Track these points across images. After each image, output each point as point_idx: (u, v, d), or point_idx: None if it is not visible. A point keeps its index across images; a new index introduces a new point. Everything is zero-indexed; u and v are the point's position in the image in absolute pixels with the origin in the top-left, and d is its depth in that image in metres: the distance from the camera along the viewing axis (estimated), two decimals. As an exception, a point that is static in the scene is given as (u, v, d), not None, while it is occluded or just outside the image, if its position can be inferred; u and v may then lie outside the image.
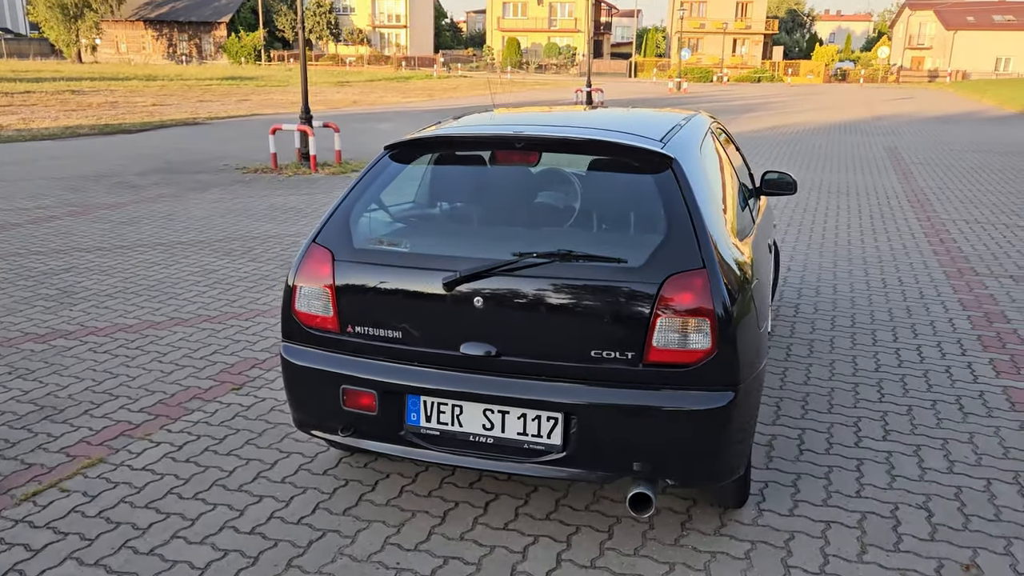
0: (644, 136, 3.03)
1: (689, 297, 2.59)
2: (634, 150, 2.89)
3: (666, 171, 2.84)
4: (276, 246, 7.59)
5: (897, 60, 73.38)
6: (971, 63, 69.68)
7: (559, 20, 72.32)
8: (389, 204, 3.18)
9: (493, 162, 3.07)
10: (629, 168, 2.97)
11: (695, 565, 2.83)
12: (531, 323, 2.70)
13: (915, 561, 2.85)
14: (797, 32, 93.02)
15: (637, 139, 2.97)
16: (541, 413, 2.72)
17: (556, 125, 3.24)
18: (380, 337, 2.87)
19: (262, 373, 4.52)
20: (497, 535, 3.01)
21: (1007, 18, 73.28)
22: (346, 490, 3.31)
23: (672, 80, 42.34)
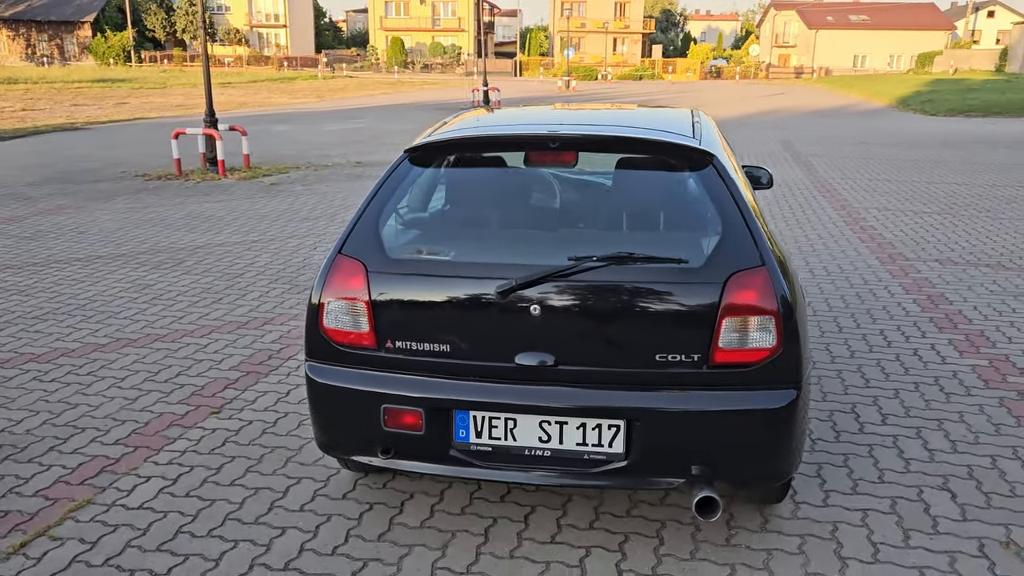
0: (675, 132, 2.98)
1: (753, 295, 2.56)
2: (675, 147, 2.84)
3: (707, 167, 2.80)
4: (208, 257, 7.17)
5: (766, 58, 76.99)
6: (832, 60, 73.86)
7: (443, 19, 72.04)
8: (417, 210, 3.01)
9: (527, 163, 2.95)
10: (666, 165, 2.92)
11: (755, 564, 2.81)
12: (591, 329, 2.61)
13: (958, 543, 2.92)
14: (671, 31, 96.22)
15: (671, 135, 2.92)
16: (602, 422, 2.63)
17: (582, 123, 3.15)
18: (425, 352, 2.70)
19: (239, 394, 4.23)
20: (547, 550, 2.90)
21: (862, 18, 78.14)
22: (373, 514, 3.12)
23: (561, 78, 42.90)
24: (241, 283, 6.32)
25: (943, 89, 33.23)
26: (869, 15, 77.76)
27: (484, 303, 2.63)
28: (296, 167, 13.09)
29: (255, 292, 6.07)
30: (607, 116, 3.45)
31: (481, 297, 2.63)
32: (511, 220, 3.00)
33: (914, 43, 73.93)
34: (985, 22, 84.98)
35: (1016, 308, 5.63)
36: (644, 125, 3.12)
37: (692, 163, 2.83)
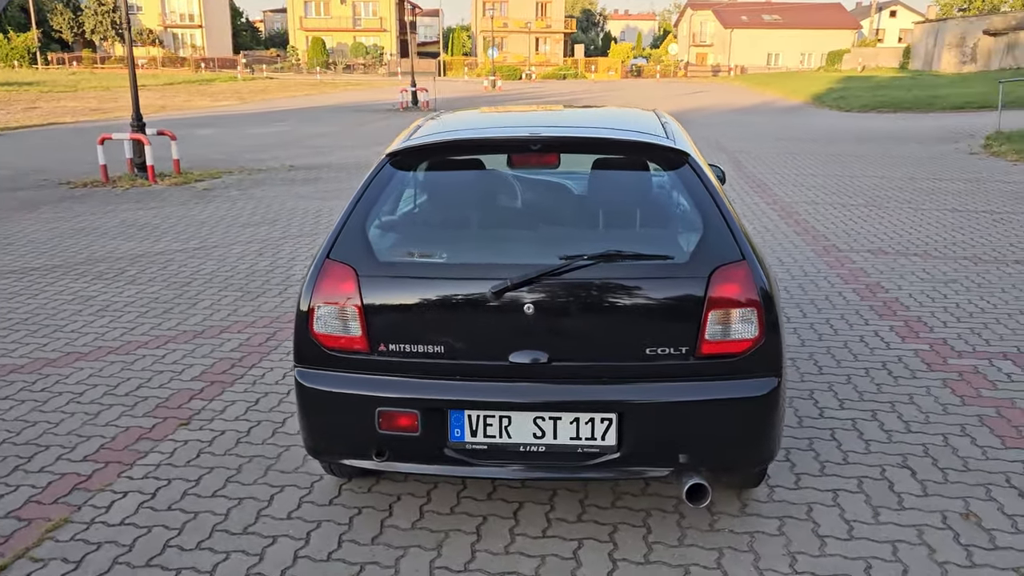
0: (648, 132, 3.09)
1: (736, 288, 2.67)
2: (653, 147, 2.94)
3: (683, 166, 2.91)
4: (150, 266, 6.98)
5: (684, 56, 78.75)
6: (747, 58, 76.01)
7: (363, 19, 71.31)
8: (403, 213, 3.03)
9: (509, 165, 3.01)
10: (643, 165, 3.02)
11: (740, 547, 2.93)
12: (583, 326, 2.68)
13: (923, 516, 3.11)
14: (592, 31, 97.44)
15: (647, 136, 3.03)
16: (595, 415, 2.71)
17: (561, 125, 3.22)
18: (418, 353, 2.73)
19: (206, 404, 4.16)
20: (541, 544, 2.96)
21: (774, 17, 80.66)
22: (363, 518, 3.12)
23: (487, 78, 43.01)
24: (189, 292, 6.18)
25: (854, 86, 34.57)
26: (781, 14, 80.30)
27: (478, 303, 2.68)
28: (228, 172, 12.82)
29: (206, 301, 5.95)
30: (582, 117, 3.53)
31: (475, 298, 2.68)
32: (497, 221, 3.05)
33: (823, 42, 76.65)
34: (888, 21, 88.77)
35: (947, 294, 5.95)
36: (618, 126, 3.21)
37: (668, 162, 2.94)
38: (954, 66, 48.53)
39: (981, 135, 16.57)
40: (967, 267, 6.72)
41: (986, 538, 2.97)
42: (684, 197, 2.87)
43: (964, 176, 11.78)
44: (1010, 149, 14.20)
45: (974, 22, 49.16)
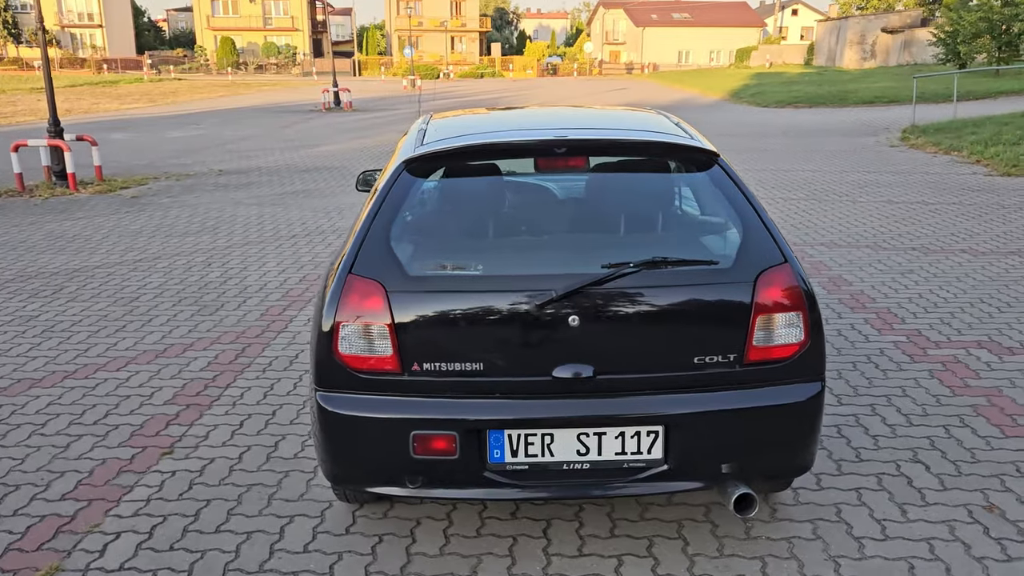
0: (670, 133, 3.00)
1: (781, 292, 2.61)
2: (682, 148, 2.86)
3: (714, 167, 2.84)
4: (91, 281, 6.54)
5: (598, 55, 79.72)
6: (659, 56, 77.47)
7: (274, 18, 69.51)
8: (426, 223, 2.85)
9: (537, 169, 2.87)
10: (670, 167, 2.93)
11: (781, 554, 2.88)
12: (630, 336, 2.58)
13: (949, 511, 3.12)
14: (506, 29, 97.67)
15: (673, 137, 2.94)
16: (641, 429, 2.61)
17: (580, 127, 3.10)
18: (455, 372, 2.57)
19: (186, 430, 3.88)
20: (580, 564, 2.84)
21: (684, 16, 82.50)
22: (387, 547, 2.94)
23: (407, 78, 42.53)
24: (140, 308, 5.81)
25: (767, 82, 35.58)
26: (690, 13, 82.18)
27: (519, 317, 2.54)
28: (154, 178, 12.23)
29: (160, 317, 5.60)
30: (594, 118, 3.42)
31: (516, 311, 2.54)
32: (528, 229, 2.91)
33: (731, 39, 78.83)
34: (791, 19, 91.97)
35: (907, 285, 6.10)
36: (637, 127, 3.12)
37: (698, 164, 2.86)
38: (856, 62, 50.58)
39: (897, 128, 17.23)
40: (918, 257, 6.91)
41: (1014, 530, 3.00)
42: (718, 199, 2.79)
43: (891, 169, 12.19)
44: (927, 141, 14.81)
45: (873, 20, 51.35)
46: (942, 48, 33.63)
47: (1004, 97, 22.48)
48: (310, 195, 10.69)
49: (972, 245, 7.31)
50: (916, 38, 45.48)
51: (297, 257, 7.28)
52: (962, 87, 23.21)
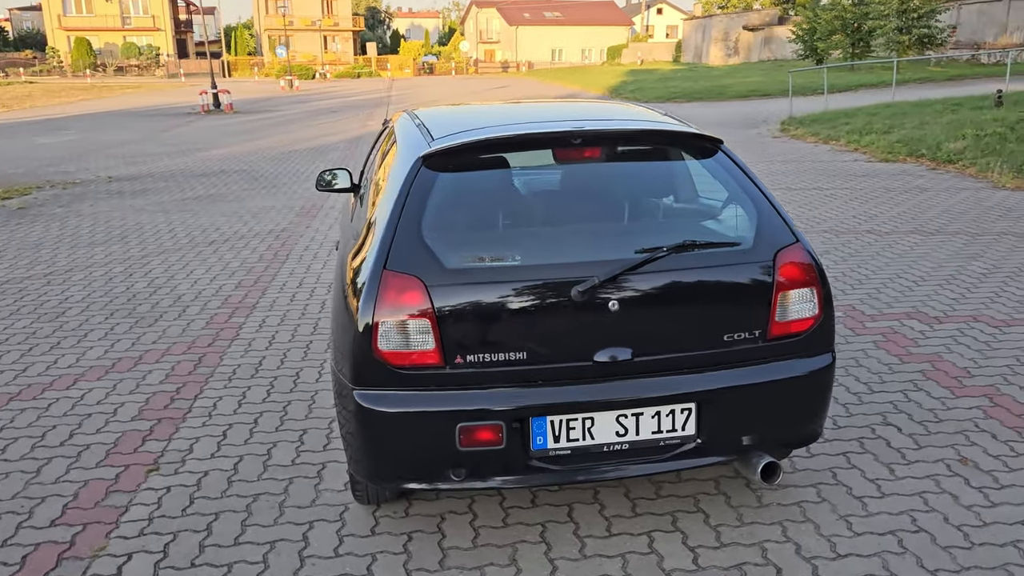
0: (671, 123, 3.12)
1: (797, 270, 2.77)
2: (690, 136, 2.98)
3: (717, 153, 2.97)
4: (3, 297, 6.08)
5: (474, 53, 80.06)
6: (533, 54, 78.63)
7: (134, 18, 65.96)
8: (454, 216, 2.84)
9: (556, 160, 2.91)
10: (675, 155, 3.05)
11: (796, 518, 3.05)
12: (665, 318, 2.67)
13: (930, 468, 3.38)
14: (379, 28, 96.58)
15: (677, 126, 3.06)
16: (675, 407, 2.71)
17: (590, 119, 3.16)
18: (499, 362, 2.59)
19: (165, 445, 3.71)
20: (614, 544, 2.92)
21: (556, 14, 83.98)
22: (418, 544, 2.92)
23: (284, 78, 41.38)
24: (69, 323, 5.47)
25: (644, 78, 36.77)
26: (561, 12, 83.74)
27: (561, 304, 2.58)
28: (37, 187, 11.45)
29: (96, 331, 5.29)
30: (589, 111, 3.48)
31: (558, 298, 2.58)
32: (555, 218, 2.95)
33: (601, 37, 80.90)
34: (656, 18, 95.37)
35: (829, 265, 6.50)
36: (636, 118, 3.22)
37: (703, 151, 2.99)
38: (721, 59, 53.01)
39: (775, 120, 18.22)
40: (831, 239, 7.37)
41: (990, 479, 3.28)
42: (727, 183, 2.92)
43: (780, 158, 12.90)
44: (806, 132, 15.75)
45: (735, 18, 53.92)
46: (801, 45, 35.78)
47: (864, 89, 24.13)
48: (217, 200, 10.29)
49: (875, 226, 7.85)
50: (775, 35, 48.12)
51: (225, 264, 7.01)
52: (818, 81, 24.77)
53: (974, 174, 10.63)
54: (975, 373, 4.32)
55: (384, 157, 3.58)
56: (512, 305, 2.58)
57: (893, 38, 30.11)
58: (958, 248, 6.93)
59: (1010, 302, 5.47)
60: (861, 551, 2.84)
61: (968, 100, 16.58)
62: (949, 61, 30.26)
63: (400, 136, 3.26)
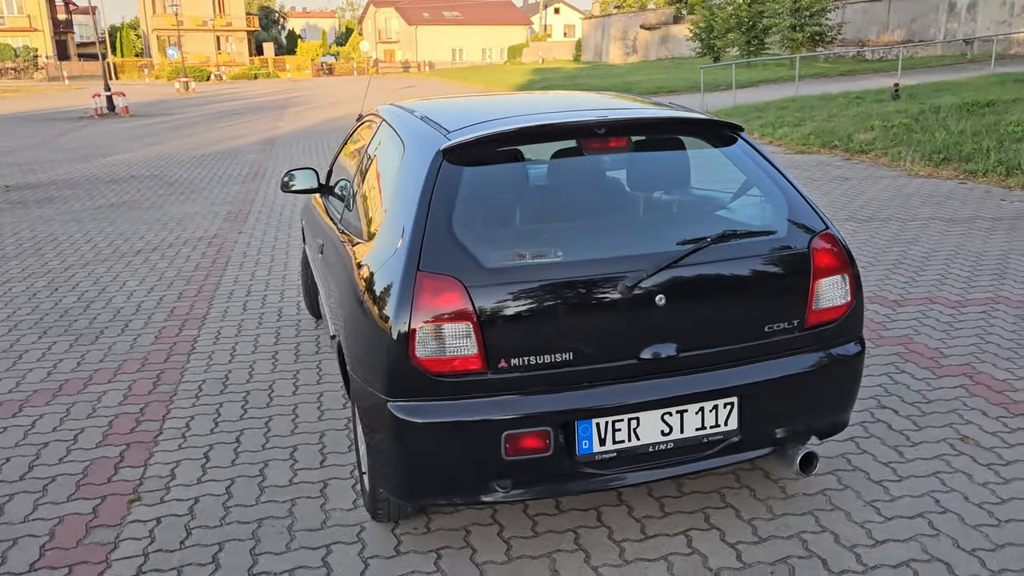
0: (687, 110, 3.05)
1: (830, 257, 2.74)
2: (715, 124, 2.91)
3: (738, 141, 2.92)
4: (-85, 319, 5.53)
5: (373, 53, 79.02)
6: (434, 54, 78.26)
7: (7, 18, 61.97)
8: (483, 213, 2.67)
9: (580, 151, 2.79)
10: (697, 144, 2.98)
11: (824, 506, 3.03)
12: (709, 311, 2.60)
13: (935, 448, 3.42)
14: (273, 28, 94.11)
15: (695, 113, 2.99)
16: (719, 402, 2.63)
17: (607, 108, 3.05)
18: (544, 364, 2.46)
19: (142, 472, 3.40)
20: (652, 545, 2.82)
21: (455, 14, 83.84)
22: (451, 562, 2.76)
23: (179, 80, 39.70)
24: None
25: (549, 77, 37.03)
26: (460, 11, 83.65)
27: (608, 301, 2.47)
28: (-74, 198, 10.54)
29: (32, 352, 4.85)
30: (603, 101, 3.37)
31: (604, 295, 2.46)
32: (589, 210, 2.82)
33: (500, 37, 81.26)
34: (554, 17, 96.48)
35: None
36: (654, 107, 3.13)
37: (724, 139, 2.93)
38: (620, 57, 53.98)
39: (688, 116, 18.57)
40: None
41: (994, 456, 3.35)
42: (751, 171, 2.87)
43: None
44: (720, 126, 16.10)
45: (633, 17, 54.99)
46: (699, 43, 36.79)
47: (764, 85, 24.96)
48: (133, 207, 9.71)
49: (812, 215, 8.04)
50: (672, 34, 49.30)
51: (159, 274, 6.59)
52: (723, 77, 25.53)
53: (887, 163, 11.07)
54: (948, 353, 4.44)
55: (373, 154, 3.38)
56: (556, 304, 2.45)
57: (788, 35, 31.30)
58: (895, 233, 7.17)
59: (957, 283, 5.68)
60: (897, 536, 2.83)
61: (867, 94, 17.32)
62: (837, 57, 31.64)
63: (402, 131, 3.07)
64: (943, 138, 11.22)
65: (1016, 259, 6.22)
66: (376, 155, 3.32)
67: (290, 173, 4.26)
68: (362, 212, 3.19)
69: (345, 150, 4.14)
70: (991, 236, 6.96)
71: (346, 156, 4.04)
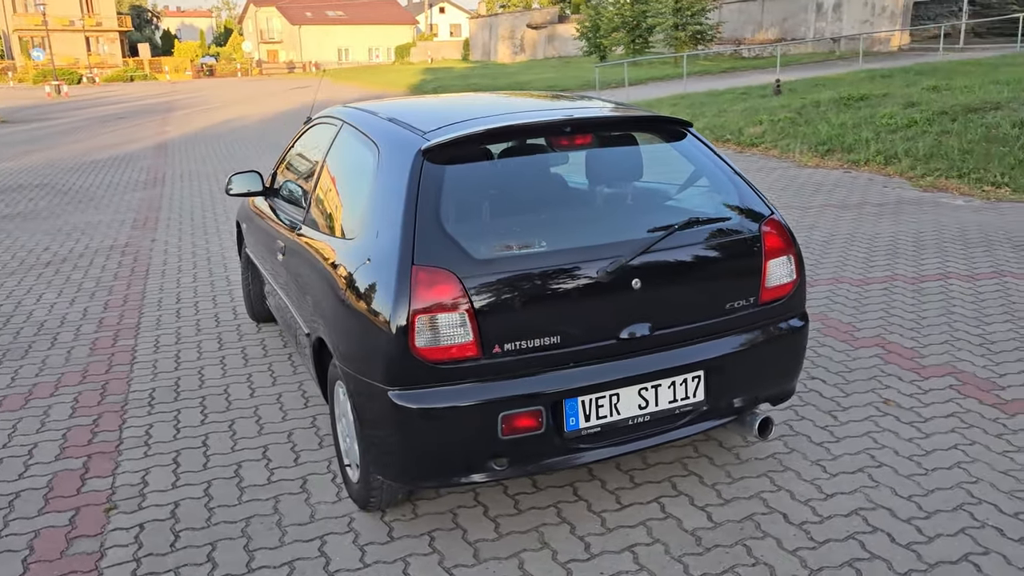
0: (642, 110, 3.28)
1: (777, 239, 3.02)
2: (668, 120, 3.15)
3: (687, 136, 3.17)
4: None
5: (256, 54, 76.91)
6: (319, 54, 76.86)
7: None
8: (466, 207, 2.81)
9: (551, 148, 2.96)
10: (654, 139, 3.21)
11: (777, 468, 3.32)
12: (678, 291, 2.82)
13: (864, 411, 3.79)
14: (146, 28, 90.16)
15: (648, 112, 3.22)
16: (687, 375, 2.87)
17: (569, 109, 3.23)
18: (534, 348, 2.63)
19: (111, 481, 3.37)
20: (630, 514, 3.03)
21: (339, 13, 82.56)
22: (445, 543, 2.88)
23: (50, 84, 37.57)
24: (-84, 363, 4.76)
25: (442, 76, 37.09)
26: (344, 11, 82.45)
27: (589, 286, 2.66)
28: None
29: (-43, 369, 4.65)
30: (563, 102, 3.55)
31: (587, 281, 2.65)
32: (565, 203, 3.00)
33: (387, 36, 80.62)
34: (439, 17, 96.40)
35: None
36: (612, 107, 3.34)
37: (675, 134, 3.17)
38: (509, 56, 54.54)
39: (585, 113, 19.06)
40: (685, 220, 7.91)
41: (914, 415, 3.73)
42: (702, 163, 3.12)
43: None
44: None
45: (519, 17, 55.65)
46: (585, 42, 37.68)
47: (652, 82, 25.86)
48: (30, 217, 9.27)
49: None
50: (558, 33, 50.21)
51: (77, 285, 6.38)
52: (613, 76, 26.33)
53: (777, 155, 11.77)
54: (860, 327, 4.86)
55: (338, 155, 3.46)
56: (543, 291, 2.62)
57: (671, 34, 32.44)
58: (795, 220, 7.69)
59: (857, 264, 6.18)
60: (843, 489, 3.15)
61: (750, 90, 18.25)
62: (717, 55, 33.07)
63: (371, 133, 3.16)
64: (826, 130, 12.01)
65: (903, 240, 6.81)
66: (342, 156, 3.40)
67: (233, 177, 4.26)
68: (333, 212, 3.27)
69: (297, 152, 4.17)
70: (879, 220, 7.57)
71: (300, 158, 4.08)
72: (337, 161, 3.44)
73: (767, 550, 2.79)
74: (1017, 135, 9.85)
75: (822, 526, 2.92)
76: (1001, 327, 4.76)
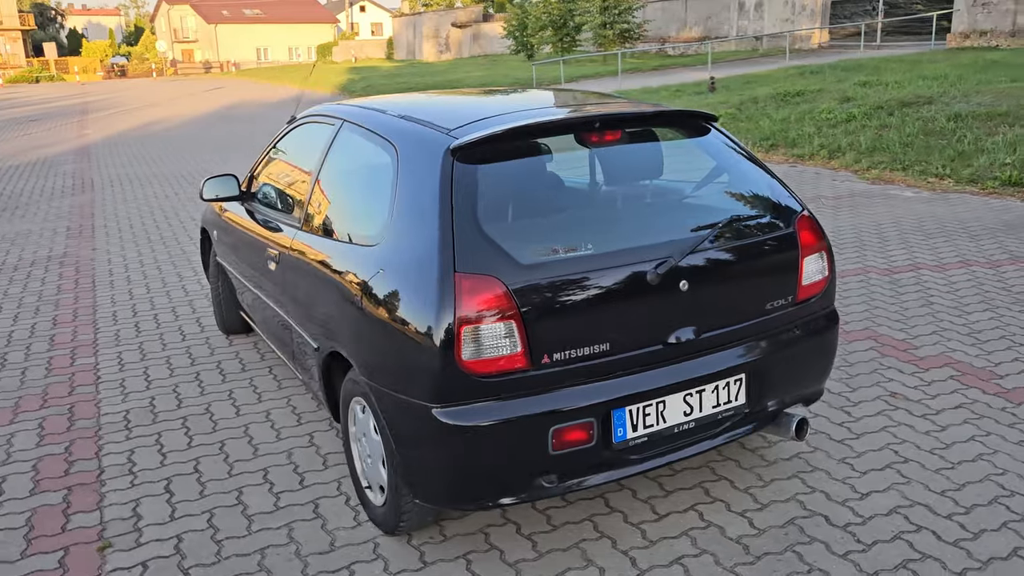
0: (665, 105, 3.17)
1: (811, 236, 2.94)
2: (693, 115, 3.04)
3: (712, 131, 3.07)
4: None
5: (170, 53, 74.42)
6: (237, 54, 74.89)
7: None
8: (503, 209, 2.63)
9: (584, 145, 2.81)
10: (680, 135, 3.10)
11: (805, 468, 3.25)
12: (723, 292, 2.72)
13: (876, 405, 3.76)
14: (51, 27, 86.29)
15: (670, 106, 3.10)
16: (730, 379, 2.76)
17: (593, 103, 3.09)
18: (585, 356, 2.48)
19: (98, 518, 3.07)
20: (669, 524, 2.91)
21: (256, 12, 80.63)
22: (483, 565, 2.71)
23: (-50, 85, 35.46)
24: None
25: (368, 75, 36.46)
26: (262, 9, 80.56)
27: (638, 289, 2.52)
28: None
29: (-103, 397, 4.23)
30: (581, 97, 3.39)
31: (635, 284, 2.52)
32: (602, 202, 2.85)
33: (307, 35, 79.08)
34: (360, 15, 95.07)
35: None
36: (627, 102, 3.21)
37: (700, 129, 3.06)
38: (434, 55, 54.14)
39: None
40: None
41: (925, 408, 3.73)
42: (732, 158, 3.02)
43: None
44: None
45: (443, 15, 55.30)
46: (513, 40, 37.64)
47: (585, 80, 25.96)
48: (-50, 228, 8.63)
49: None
50: (483, 31, 50.10)
51: (17, 299, 5.93)
52: (546, 74, 26.33)
53: (723, 151, 11.89)
54: (848, 320, 4.86)
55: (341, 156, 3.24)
56: (592, 296, 2.48)
57: (599, 33, 32.67)
58: (756, 215, 7.73)
59: (828, 257, 6.22)
60: (876, 487, 3.09)
61: (685, 87, 18.50)
62: (643, 54, 33.47)
63: (384, 132, 2.95)
64: (768, 125, 12.19)
65: (866, 232, 6.90)
66: (347, 157, 3.18)
67: (207, 181, 3.98)
68: (340, 217, 3.06)
69: (283, 153, 3.91)
70: (839, 213, 7.67)
71: (288, 160, 3.82)
72: (340, 162, 3.22)
73: (819, 555, 2.71)
74: (953, 128, 10.17)
75: (866, 527, 2.85)
76: (982, 315, 4.83)
